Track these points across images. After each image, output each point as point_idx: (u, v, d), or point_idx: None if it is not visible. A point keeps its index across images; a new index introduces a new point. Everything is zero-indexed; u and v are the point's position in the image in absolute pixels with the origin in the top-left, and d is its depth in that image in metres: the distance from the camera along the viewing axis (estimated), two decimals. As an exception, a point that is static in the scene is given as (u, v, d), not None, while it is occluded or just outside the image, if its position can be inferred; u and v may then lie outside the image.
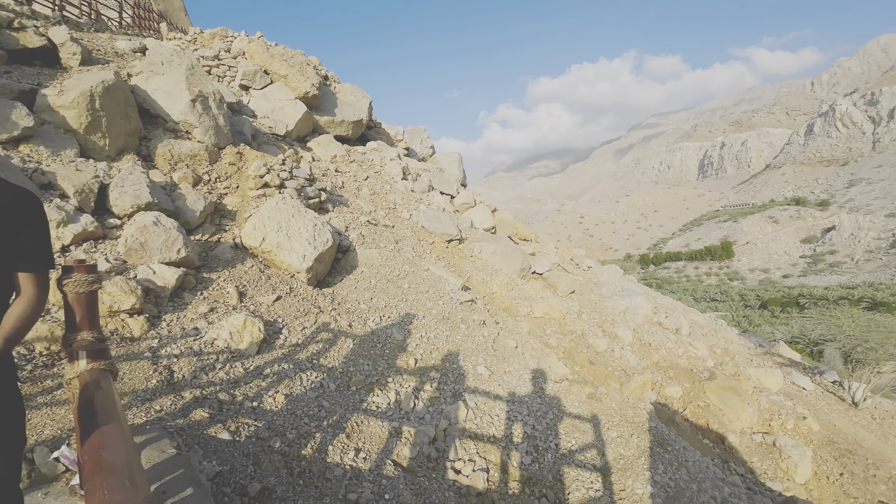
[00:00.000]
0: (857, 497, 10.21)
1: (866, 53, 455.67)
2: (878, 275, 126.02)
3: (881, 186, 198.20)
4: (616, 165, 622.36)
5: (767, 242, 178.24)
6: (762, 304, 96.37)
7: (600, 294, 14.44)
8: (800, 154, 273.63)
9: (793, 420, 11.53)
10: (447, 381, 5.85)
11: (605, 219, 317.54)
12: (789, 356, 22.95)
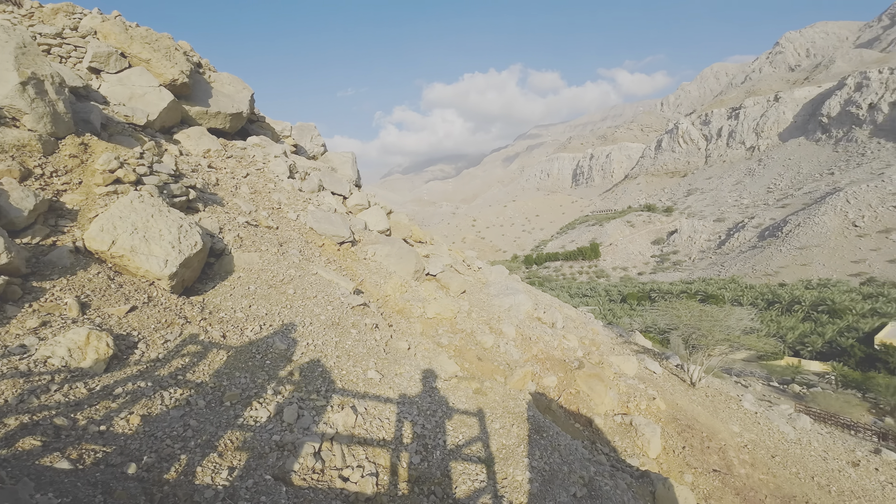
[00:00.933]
0: (697, 467, 12.20)
1: (703, 79, 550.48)
2: (709, 271, 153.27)
3: (711, 195, 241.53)
4: (504, 172, 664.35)
5: (626, 244, 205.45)
6: (622, 298, 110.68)
7: (488, 293, 15.25)
8: (651, 166, 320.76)
9: (645, 401, 13.41)
10: (335, 389, 5.66)
11: (495, 222, 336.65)
12: (643, 344, 26.69)
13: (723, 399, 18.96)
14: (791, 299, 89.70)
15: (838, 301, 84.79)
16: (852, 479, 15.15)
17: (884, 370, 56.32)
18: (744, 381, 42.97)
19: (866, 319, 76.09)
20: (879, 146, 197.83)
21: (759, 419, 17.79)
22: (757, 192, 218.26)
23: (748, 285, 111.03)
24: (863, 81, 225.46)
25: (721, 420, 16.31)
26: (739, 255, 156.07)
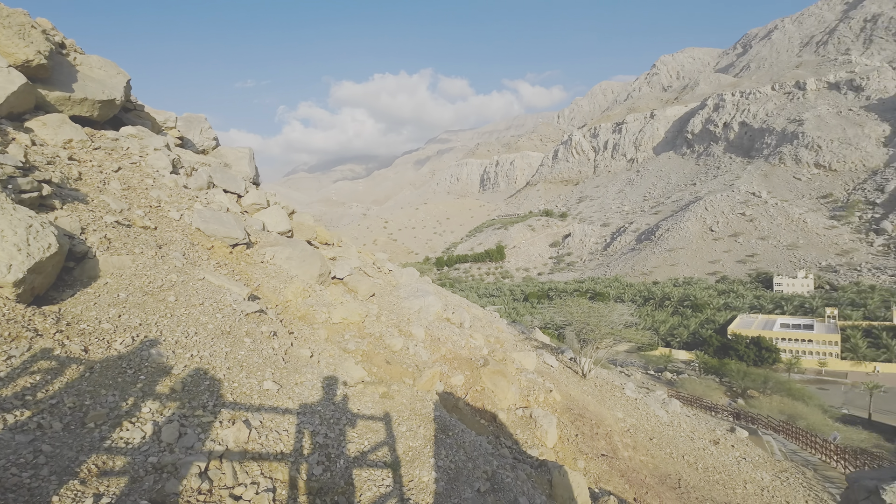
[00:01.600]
0: (588, 453, 13.27)
1: (593, 95, 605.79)
2: (597, 271, 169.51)
3: (598, 202, 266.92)
4: (416, 174, 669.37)
5: (528, 247, 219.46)
6: (525, 297, 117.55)
7: (398, 296, 15.18)
8: (549, 174, 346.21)
9: (543, 394, 14.33)
10: (225, 403, 5.19)
11: (407, 224, 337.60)
12: (542, 340, 28.54)
13: (609, 388, 20.87)
14: (662, 296, 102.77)
15: (699, 297, 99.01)
16: (714, 455, 17.57)
17: (735, 357, 67.00)
18: (626, 371, 47.93)
19: (721, 313, 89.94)
20: (731, 160, 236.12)
21: (639, 405, 19.91)
22: (635, 200, 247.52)
23: (629, 283, 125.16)
24: (719, 102, 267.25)
25: (608, 407, 17.90)
26: (621, 256, 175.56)
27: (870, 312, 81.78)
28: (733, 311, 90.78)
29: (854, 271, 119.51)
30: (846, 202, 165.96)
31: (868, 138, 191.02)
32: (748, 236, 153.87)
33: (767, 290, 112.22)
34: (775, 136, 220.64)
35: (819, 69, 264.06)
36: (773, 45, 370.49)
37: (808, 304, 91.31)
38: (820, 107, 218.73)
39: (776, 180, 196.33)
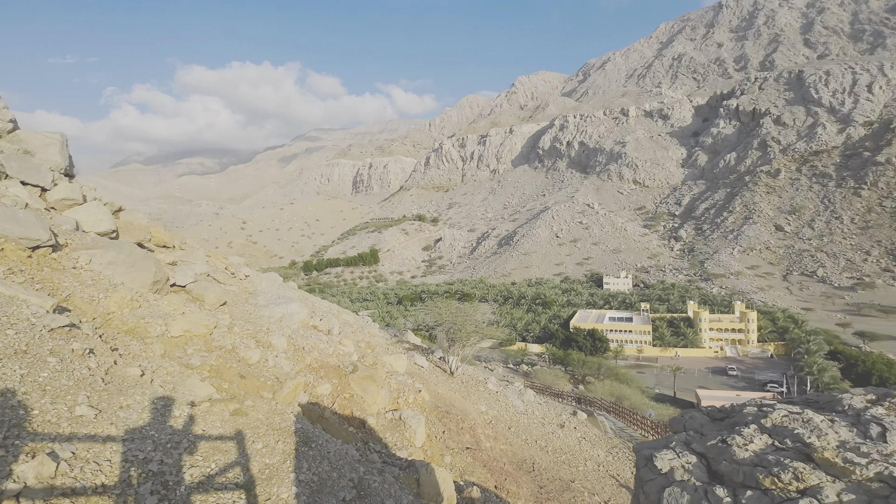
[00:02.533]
0: (454, 448, 13.84)
1: (461, 107, 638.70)
2: (465, 273, 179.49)
3: (466, 209, 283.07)
4: (281, 172, 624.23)
5: (401, 250, 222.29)
6: (399, 300, 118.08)
7: (256, 303, 13.96)
8: (422, 180, 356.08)
9: (413, 394, 14.59)
10: (22, 435, 4.20)
11: (270, 225, 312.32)
12: (414, 342, 29.05)
13: (474, 383, 22.13)
14: (519, 295, 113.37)
15: (548, 295, 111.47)
16: (560, 437, 19.76)
17: (576, 348, 76.49)
18: (490, 366, 51.35)
19: (565, 309, 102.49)
20: (572, 175, 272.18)
21: (500, 397, 21.49)
22: (497, 208, 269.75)
23: (491, 285, 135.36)
24: (564, 123, 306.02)
25: (472, 402, 18.93)
26: (486, 259, 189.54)
27: (672, 306, 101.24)
28: (574, 307, 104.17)
29: (661, 272, 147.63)
30: (655, 213, 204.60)
31: (671, 160, 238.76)
32: (585, 242, 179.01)
33: (599, 288, 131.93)
34: (605, 155, 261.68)
35: (639, 98, 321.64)
36: (607, 74, 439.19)
37: (629, 299, 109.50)
38: (638, 131, 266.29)
39: (605, 194, 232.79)
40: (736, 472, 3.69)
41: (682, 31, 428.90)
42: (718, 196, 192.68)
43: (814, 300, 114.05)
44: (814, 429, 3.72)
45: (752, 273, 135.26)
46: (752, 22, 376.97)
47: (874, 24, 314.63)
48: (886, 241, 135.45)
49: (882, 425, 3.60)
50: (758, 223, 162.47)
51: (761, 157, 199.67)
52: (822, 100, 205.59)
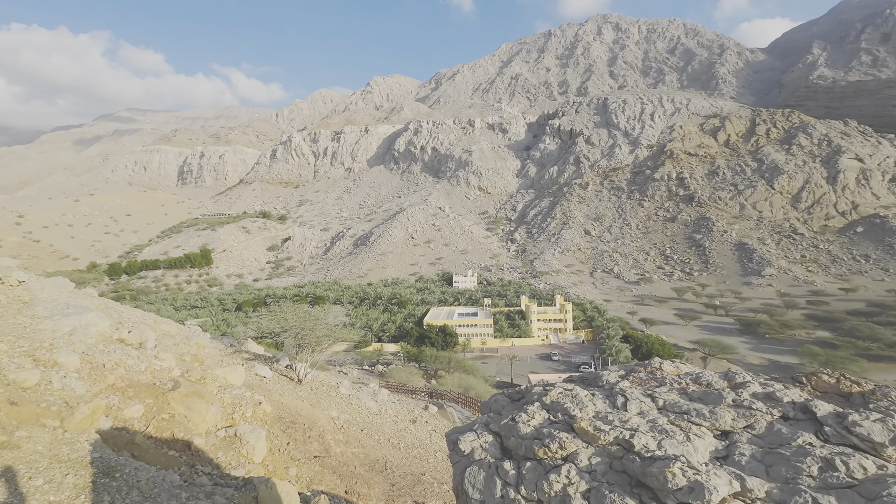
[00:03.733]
0: (300, 458, 12.93)
1: (313, 100, 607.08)
2: (318, 275, 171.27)
3: (319, 207, 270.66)
4: (77, 157, 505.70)
5: (241, 250, 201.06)
6: (238, 306, 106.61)
7: (34, 315, 10.94)
8: (266, 174, 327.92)
9: (251, 408, 13.19)
10: None
11: (60, 220, 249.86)
12: (255, 351, 26.47)
13: (325, 389, 21.19)
14: (375, 296, 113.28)
15: (403, 295, 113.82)
16: (412, 433, 20.11)
17: (429, 344, 79.49)
18: (345, 370, 49.96)
19: (420, 307, 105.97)
20: (426, 179, 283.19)
21: (352, 400, 20.98)
22: (352, 207, 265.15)
23: (347, 286, 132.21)
24: (418, 128, 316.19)
25: (322, 408, 18.09)
26: (340, 260, 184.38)
27: (509, 301, 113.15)
28: (428, 305, 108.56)
29: (500, 270, 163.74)
30: (495, 218, 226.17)
31: (508, 170, 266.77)
32: (437, 243, 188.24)
33: (450, 286, 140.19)
34: (455, 161, 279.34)
35: (483, 111, 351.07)
36: (456, 85, 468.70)
37: (474, 296, 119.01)
38: (482, 142, 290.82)
39: (455, 198, 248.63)
40: (520, 446, 4.21)
41: (519, 54, 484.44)
42: (544, 204, 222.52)
43: (612, 293, 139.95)
44: (578, 403, 4.49)
45: (569, 271, 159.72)
46: (573, 51, 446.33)
47: (658, 63, 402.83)
48: (660, 243, 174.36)
49: (625, 396, 4.53)
50: (572, 228, 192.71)
51: (576, 172, 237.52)
52: (620, 124, 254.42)
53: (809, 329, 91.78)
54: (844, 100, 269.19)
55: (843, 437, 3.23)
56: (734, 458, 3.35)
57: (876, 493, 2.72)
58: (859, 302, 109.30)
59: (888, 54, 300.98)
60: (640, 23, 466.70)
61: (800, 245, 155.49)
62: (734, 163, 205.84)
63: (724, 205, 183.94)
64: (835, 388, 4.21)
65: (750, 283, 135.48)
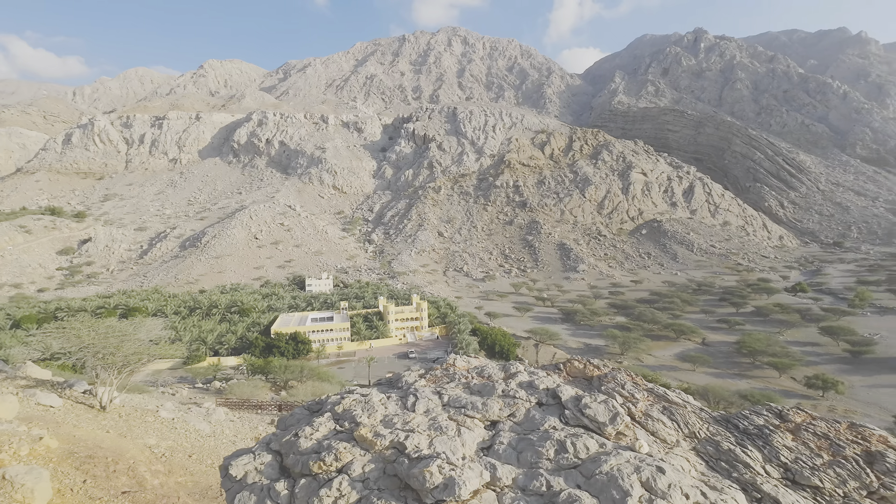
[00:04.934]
0: (102, 496, 10.49)
1: (126, 79, 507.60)
2: (131, 282, 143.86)
3: (132, 202, 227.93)
4: None
5: (19, 254, 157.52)
6: (15, 323, 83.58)
7: None
8: (57, 162, 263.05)
9: (27, 444, 10.35)
10: None
11: None
12: (38, 376, 20.88)
13: (139, 415, 17.89)
14: (210, 304, 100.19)
15: (246, 302, 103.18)
16: None
17: (278, 354, 73.44)
18: (171, 390, 43.02)
19: (266, 315, 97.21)
20: (272, 174, 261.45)
21: (177, 424, 18.05)
22: (179, 204, 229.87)
23: (172, 294, 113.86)
24: (263, 119, 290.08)
25: (135, 437, 15.23)
26: (162, 264, 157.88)
27: (367, 303, 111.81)
28: (276, 312, 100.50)
29: (358, 271, 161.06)
30: (352, 218, 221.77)
31: (365, 170, 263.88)
32: (286, 244, 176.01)
33: (302, 290, 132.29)
34: (306, 158, 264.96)
35: (337, 108, 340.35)
36: (308, 79, 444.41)
37: (330, 299, 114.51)
38: (336, 139, 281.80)
39: (307, 196, 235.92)
40: (297, 462, 4.09)
41: (375, 55, 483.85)
42: (401, 206, 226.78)
43: (462, 290, 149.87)
44: (369, 408, 4.58)
45: (424, 270, 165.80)
46: (426, 59, 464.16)
47: (499, 79, 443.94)
48: (501, 244, 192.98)
49: (416, 395, 4.80)
50: (427, 229, 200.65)
51: (429, 176, 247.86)
52: (468, 134, 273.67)
53: (611, 315, 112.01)
54: (635, 123, 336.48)
55: (578, 419, 3.87)
56: (495, 448, 3.72)
57: (592, 471, 3.29)
58: (644, 291, 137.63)
59: (666, 86, 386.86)
60: (485, 40, 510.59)
61: (603, 245, 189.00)
62: (557, 174, 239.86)
63: (550, 210, 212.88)
64: (582, 372, 5.06)
65: (569, 278, 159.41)
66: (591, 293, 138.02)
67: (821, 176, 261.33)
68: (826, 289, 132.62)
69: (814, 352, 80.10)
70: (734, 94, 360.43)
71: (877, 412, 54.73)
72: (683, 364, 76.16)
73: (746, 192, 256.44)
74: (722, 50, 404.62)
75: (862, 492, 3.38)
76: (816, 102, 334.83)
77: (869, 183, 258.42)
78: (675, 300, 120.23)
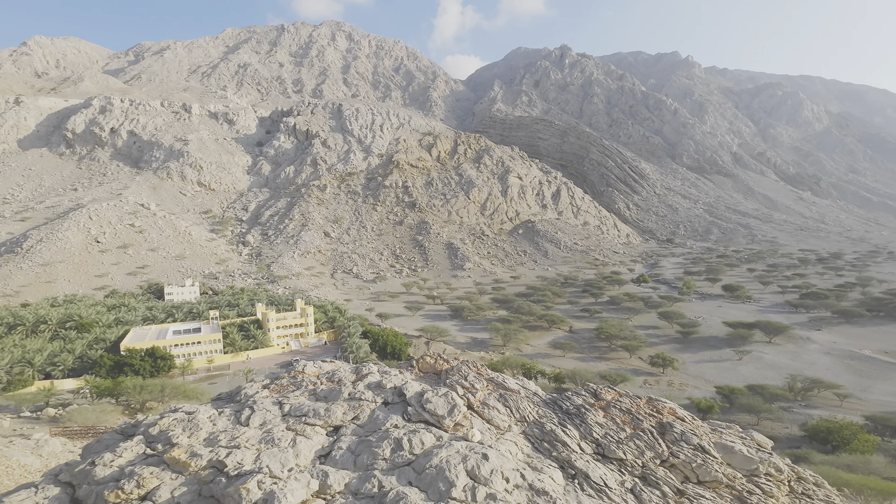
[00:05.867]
0: None
1: None
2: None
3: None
4: None
5: None
6: None
7: None
8: None
9: None
10: None
11: None
12: None
13: None
14: (37, 319, 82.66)
15: (85, 315, 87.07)
16: None
17: (131, 372, 63.44)
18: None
19: (113, 329, 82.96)
20: (119, 168, 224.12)
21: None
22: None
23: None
24: (107, 106, 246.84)
25: None
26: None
27: (242, 310, 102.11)
28: (126, 325, 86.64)
29: (230, 277, 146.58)
30: (222, 218, 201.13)
31: (237, 166, 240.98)
32: (139, 248, 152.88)
33: (160, 300, 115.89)
34: (164, 150, 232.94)
35: (203, 97, 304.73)
36: (166, 63, 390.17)
37: (196, 309, 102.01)
38: (202, 131, 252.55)
39: (165, 194, 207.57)
40: (90, 494, 3.58)
41: (249, 42, 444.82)
42: (281, 204, 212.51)
43: (352, 292, 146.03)
44: (192, 427, 4.22)
45: (309, 273, 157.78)
46: (308, 52, 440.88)
47: (386, 79, 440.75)
48: (391, 244, 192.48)
49: (252, 409, 4.53)
50: (312, 230, 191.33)
51: (313, 173, 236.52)
52: (354, 131, 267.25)
53: (494, 309, 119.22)
54: (512, 130, 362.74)
55: (420, 415, 3.97)
56: (333, 454, 3.64)
57: (423, 465, 3.39)
58: (522, 286, 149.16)
59: (538, 97, 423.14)
60: (371, 38, 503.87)
61: (486, 244, 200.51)
62: (444, 175, 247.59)
63: (438, 211, 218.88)
64: (433, 367, 5.24)
65: (457, 276, 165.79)
66: (476, 290, 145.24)
67: (657, 182, 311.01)
68: (662, 279, 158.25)
69: (655, 334, 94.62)
70: (591, 108, 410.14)
71: (703, 384, 66.48)
72: (555, 351, 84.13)
73: (601, 195, 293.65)
74: (583, 67, 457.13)
75: (656, 461, 4.02)
76: (654, 117, 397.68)
77: (692, 188, 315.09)
78: (546, 293, 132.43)
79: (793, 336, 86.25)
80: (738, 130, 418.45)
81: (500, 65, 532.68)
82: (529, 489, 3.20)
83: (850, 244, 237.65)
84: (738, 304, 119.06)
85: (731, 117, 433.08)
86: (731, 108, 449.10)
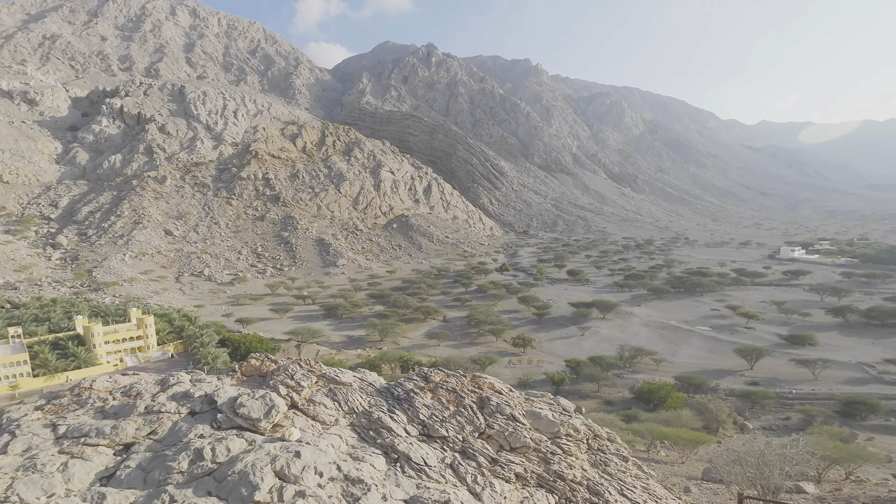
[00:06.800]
0: None
1: None
2: None
3: None
4: None
5: None
6: None
7: None
8: None
9: None
10: None
11: None
12: None
13: None
14: None
15: None
16: None
17: None
18: None
19: None
20: None
21: None
22: None
23: None
24: None
25: None
26: None
27: (54, 325, 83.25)
28: None
29: (36, 286, 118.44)
30: (22, 216, 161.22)
31: (42, 153, 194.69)
32: None
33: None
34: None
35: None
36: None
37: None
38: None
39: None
40: None
41: (59, 11, 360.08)
42: (104, 199, 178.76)
43: (203, 297, 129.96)
44: None
45: (147, 278, 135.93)
46: (139, 26, 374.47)
47: (240, 62, 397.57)
48: (251, 242, 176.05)
49: (14, 433, 3.78)
50: (148, 228, 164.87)
51: (148, 163, 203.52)
52: (201, 117, 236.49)
53: (371, 305, 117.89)
54: (383, 124, 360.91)
55: (232, 421, 3.68)
56: (118, 474, 3.15)
57: (225, 473, 3.13)
58: (398, 280, 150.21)
59: (406, 93, 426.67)
60: (221, 16, 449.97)
61: (360, 239, 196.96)
62: (311, 168, 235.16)
63: (306, 205, 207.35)
64: (258, 369, 4.92)
65: (329, 273, 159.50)
66: (351, 286, 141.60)
67: (514, 179, 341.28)
68: (520, 267, 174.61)
69: (516, 317, 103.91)
70: (457, 107, 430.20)
71: (555, 359, 74.91)
72: (431, 341, 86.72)
73: (468, 190, 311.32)
74: (448, 66, 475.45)
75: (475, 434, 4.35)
76: (511, 119, 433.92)
77: (542, 185, 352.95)
78: (421, 285, 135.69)
79: (620, 312, 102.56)
80: (576, 134, 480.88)
81: (369, 57, 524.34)
82: (345, 479, 3.15)
83: (658, 232, 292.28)
84: (579, 287, 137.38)
85: (571, 122, 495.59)
86: (571, 114, 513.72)
